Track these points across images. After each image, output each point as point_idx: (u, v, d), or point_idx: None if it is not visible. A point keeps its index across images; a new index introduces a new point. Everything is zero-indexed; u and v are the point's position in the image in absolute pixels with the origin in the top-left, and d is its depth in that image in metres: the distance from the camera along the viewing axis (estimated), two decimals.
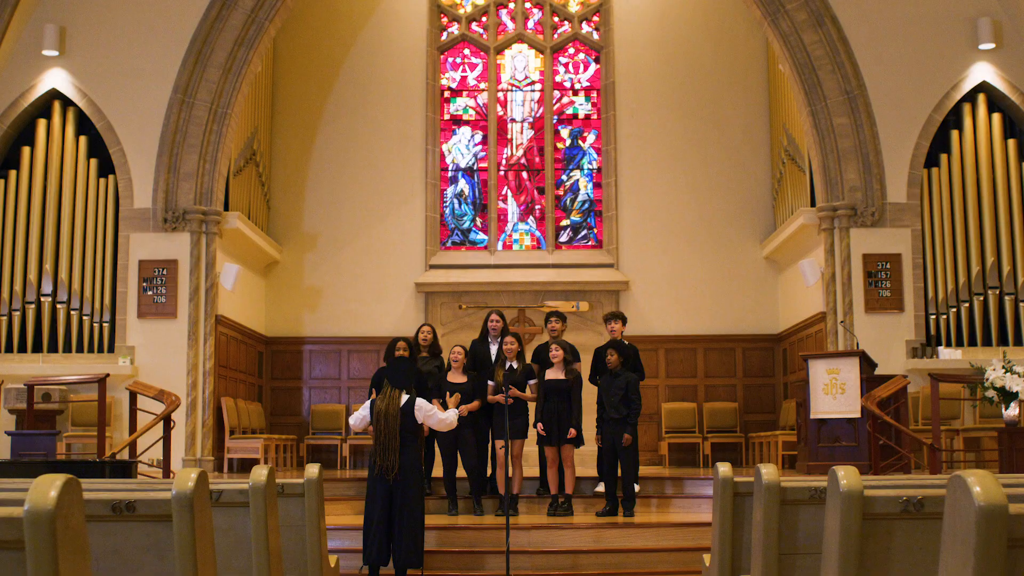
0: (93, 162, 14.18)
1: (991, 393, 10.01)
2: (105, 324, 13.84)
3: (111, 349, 13.78)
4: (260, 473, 3.86)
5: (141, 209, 13.98)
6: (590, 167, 17.26)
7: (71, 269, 13.91)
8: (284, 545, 4.59)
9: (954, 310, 13.78)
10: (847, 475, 3.10)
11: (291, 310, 16.59)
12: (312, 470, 4.92)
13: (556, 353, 9.92)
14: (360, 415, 8.21)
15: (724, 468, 4.74)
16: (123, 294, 13.83)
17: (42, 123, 14.20)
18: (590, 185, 17.23)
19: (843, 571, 3.01)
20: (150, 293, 13.77)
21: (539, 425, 9.88)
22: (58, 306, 13.81)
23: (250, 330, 15.58)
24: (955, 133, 14.21)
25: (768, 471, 3.96)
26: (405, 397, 8.06)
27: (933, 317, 13.79)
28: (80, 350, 13.80)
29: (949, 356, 13.40)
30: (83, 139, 14.22)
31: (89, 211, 14.07)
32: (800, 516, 3.97)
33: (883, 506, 3.07)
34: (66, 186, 14.06)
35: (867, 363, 11.10)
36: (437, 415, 8.22)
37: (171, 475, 10.30)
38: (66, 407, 12.98)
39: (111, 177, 14.13)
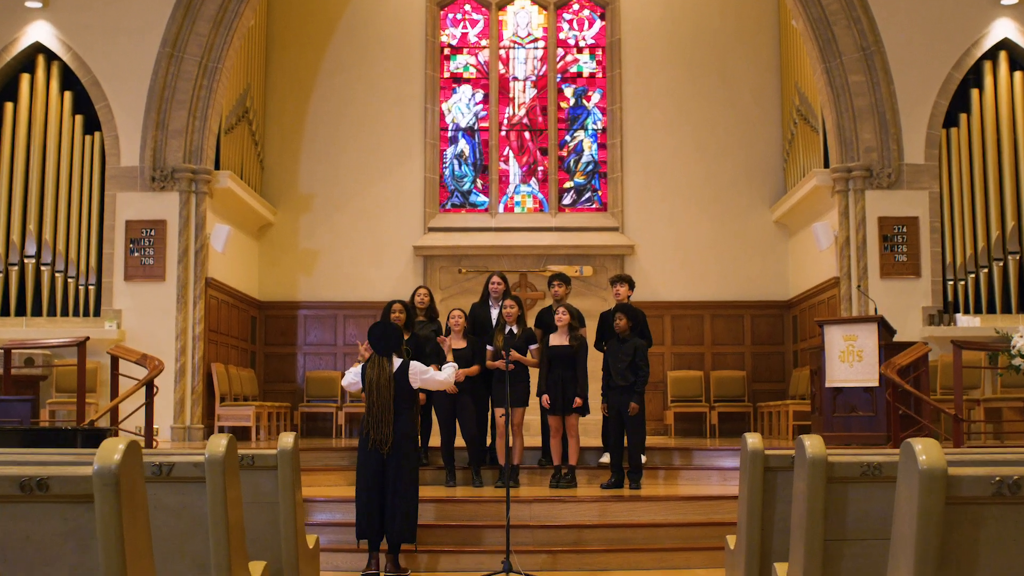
0: (78, 119, 13.68)
1: (1018, 361, 9.50)
2: (91, 287, 13.36)
3: (97, 313, 13.32)
4: (218, 443, 3.34)
5: (128, 167, 13.47)
6: (594, 127, 16.73)
7: (55, 230, 13.42)
8: (254, 525, 4.11)
9: (972, 276, 13.30)
10: (927, 450, 2.57)
11: (285, 274, 16.10)
12: (286, 439, 4.38)
13: (562, 317, 9.44)
14: (351, 378, 7.71)
15: (753, 439, 4.23)
16: (109, 256, 13.35)
17: (25, 78, 13.67)
18: (594, 146, 16.71)
19: (920, 566, 2.51)
20: (137, 255, 13.28)
21: (544, 397, 9.40)
22: (42, 268, 13.33)
23: (243, 294, 15.09)
24: (975, 92, 13.69)
25: (813, 443, 3.44)
26: (397, 362, 7.56)
27: (951, 283, 13.31)
28: (65, 314, 13.34)
29: (967, 324, 12.94)
30: (68, 95, 13.71)
31: (74, 169, 13.57)
32: (849, 496, 3.47)
33: (971, 488, 2.55)
34: (50, 144, 13.56)
35: (886, 329, 10.61)
36: (434, 376, 7.74)
37: (154, 444, 9.83)
38: (50, 372, 12.50)
39: (97, 134, 13.63)
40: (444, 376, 7.85)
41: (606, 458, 9.83)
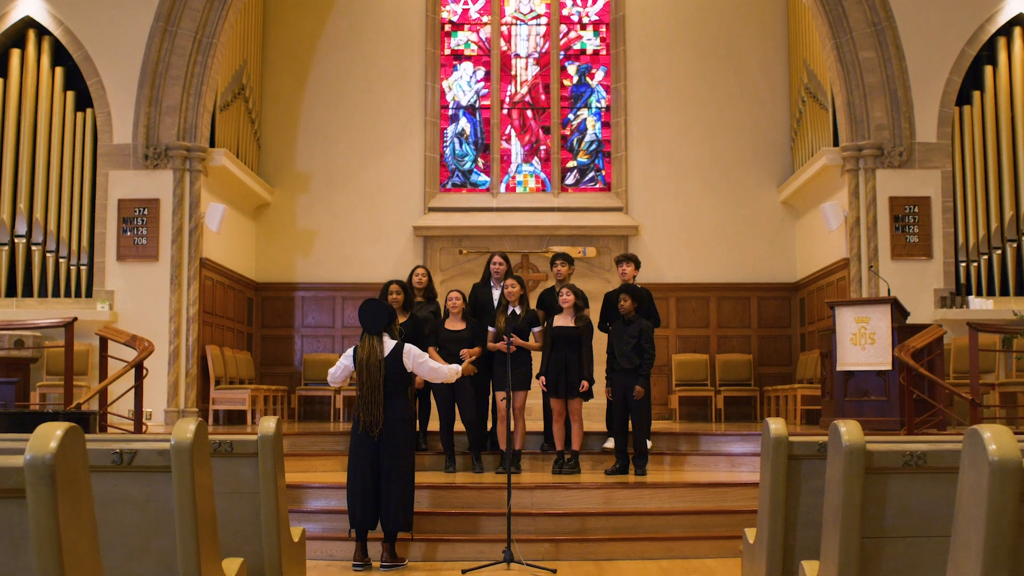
0: (70, 95, 13.35)
1: None
2: (83, 267, 13.06)
3: (89, 294, 13.03)
4: (185, 427, 3.02)
5: (121, 145, 13.15)
6: (598, 106, 16.40)
7: (47, 209, 13.11)
8: (233, 516, 3.80)
9: (985, 257, 12.99)
10: (998, 438, 2.26)
11: (282, 254, 15.80)
12: (267, 424, 4.04)
13: (566, 298, 9.14)
14: (340, 366, 7.40)
15: (776, 424, 3.90)
16: (101, 235, 13.05)
17: (15, 53, 13.34)
18: (598, 125, 16.37)
19: (990, 564, 2.19)
20: (130, 234, 12.98)
21: (542, 379, 9.11)
22: (33, 248, 13.03)
23: (238, 275, 14.78)
24: (989, 69, 13.35)
25: (850, 429, 3.11)
26: (391, 343, 7.25)
27: (963, 265, 13.00)
28: (56, 295, 13.05)
29: (980, 306, 12.63)
30: (59, 70, 13.38)
31: (66, 147, 13.26)
32: (890, 489, 3.15)
33: None
34: (41, 120, 13.24)
35: (899, 311, 10.30)
36: (429, 363, 7.42)
37: (144, 428, 9.54)
38: (40, 354, 12.19)
39: (89, 111, 13.31)
40: (441, 367, 7.55)
41: (610, 443, 9.55)
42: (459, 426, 9.40)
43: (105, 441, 3.05)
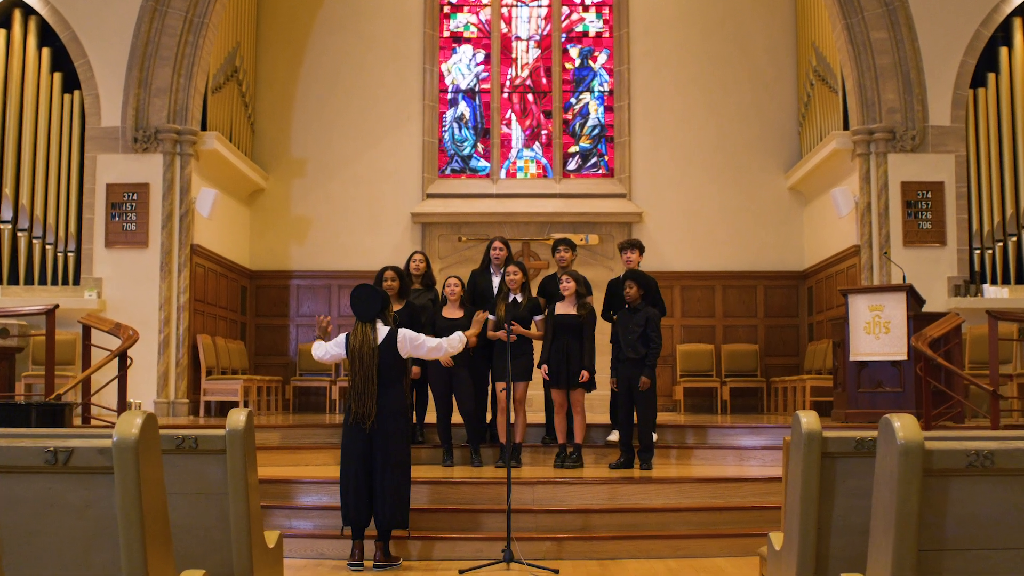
0: (57, 76, 12.95)
1: None
2: (70, 254, 12.68)
3: (76, 281, 12.65)
4: (131, 422, 2.61)
5: (109, 128, 12.77)
6: (601, 89, 16.00)
7: (33, 194, 12.71)
8: (199, 520, 3.41)
9: (1000, 244, 12.62)
10: None
11: (277, 242, 15.41)
12: (236, 417, 3.63)
13: (567, 285, 8.80)
14: (329, 353, 7.04)
15: (808, 418, 3.49)
16: (89, 221, 12.66)
17: (1, 33, 12.92)
18: (601, 109, 15.97)
19: None
20: (118, 220, 12.61)
21: (544, 367, 8.77)
22: (19, 234, 12.64)
23: (232, 262, 14.40)
24: (1004, 50, 12.98)
25: (905, 424, 2.70)
26: (384, 331, 6.89)
27: (977, 252, 12.63)
28: (43, 282, 12.67)
29: (995, 295, 12.28)
30: (46, 51, 12.98)
31: (52, 130, 12.86)
32: (951, 494, 2.75)
33: None
34: (27, 103, 12.84)
35: (915, 299, 9.92)
36: (426, 343, 7.05)
37: None
38: (26, 343, 11.80)
39: (76, 93, 12.91)
40: (446, 344, 7.16)
41: (614, 436, 9.24)
42: (457, 418, 9.05)
43: (38, 437, 2.66)
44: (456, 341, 7.24)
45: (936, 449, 2.76)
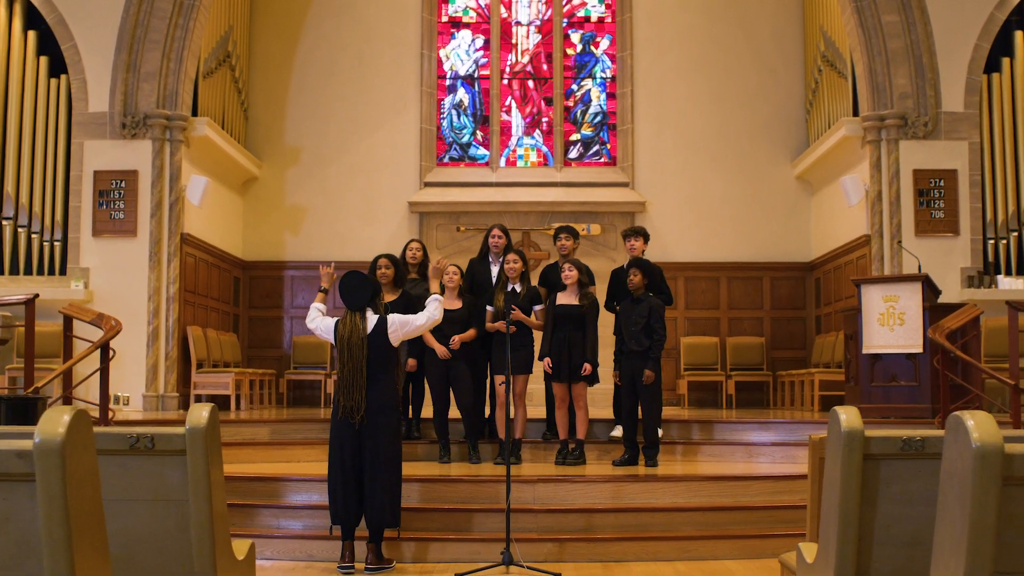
0: (43, 60, 12.60)
1: None
2: (56, 243, 12.33)
3: (63, 271, 12.30)
4: (57, 421, 2.23)
5: (97, 113, 12.41)
6: (603, 76, 15.64)
7: (18, 181, 12.36)
8: (156, 530, 3.03)
9: (1015, 234, 12.27)
10: None
11: (271, 231, 15.05)
12: (199, 414, 3.23)
13: (569, 274, 8.46)
14: (320, 329, 6.73)
15: (848, 415, 3.11)
16: (76, 209, 12.31)
17: None
18: (603, 96, 15.61)
19: None
20: (106, 208, 12.26)
21: (546, 360, 8.43)
22: (3, 223, 12.31)
23: (224, 252, 14.03)
24: (1019, 34, 12.65)
25: (979, 423, 2.31)
26: (373, 320, 6.53)
27: (991, 242, 12.27)
28: (29, 272, 12.32)
29: (1010, 286, 11.94)
30: (32, 34, 12.63)
31: (38, 115, 12.51)
32: None
33: None
34: (12, 87, 12.49)
35: (931, 289, 9.56)
36: (413, 321, 6.70)
37: (111, 415, 8.81)
38: (11, 335, 11.44)
39: (63, 77, 12.57)
40: (428, 313, 6.78)
41: (618, 431, 8.89)
42: (454, 413, 8.72)
43: None
44: (434, 308, 6.84)
45: (1016, 454, 2.37)
